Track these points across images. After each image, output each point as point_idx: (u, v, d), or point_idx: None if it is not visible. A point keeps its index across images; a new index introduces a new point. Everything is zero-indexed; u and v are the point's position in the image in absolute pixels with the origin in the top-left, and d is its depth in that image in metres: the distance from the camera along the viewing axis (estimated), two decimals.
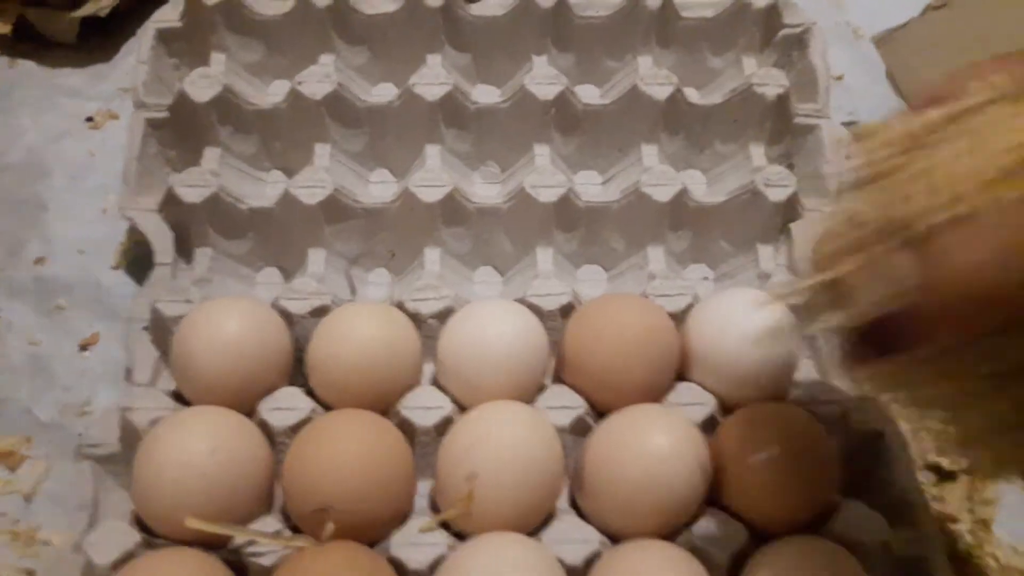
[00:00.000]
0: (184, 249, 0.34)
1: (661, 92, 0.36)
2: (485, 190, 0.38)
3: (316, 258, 0.35)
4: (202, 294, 0.32)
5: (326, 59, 0.37)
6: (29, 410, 0.33)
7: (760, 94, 0.37)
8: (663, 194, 0.35)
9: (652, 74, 0.37)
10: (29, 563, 0.30)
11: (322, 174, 0.34)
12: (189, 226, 0.34)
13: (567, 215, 0.36)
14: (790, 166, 0.38)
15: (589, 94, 0.39)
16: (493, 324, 0.31)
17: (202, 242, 0.34)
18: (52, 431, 0.33)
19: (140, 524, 0.28)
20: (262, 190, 0.36)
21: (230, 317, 0.29)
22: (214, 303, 0.30)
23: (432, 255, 0.35)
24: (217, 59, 0.37)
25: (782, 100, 0.37)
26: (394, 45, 0.38)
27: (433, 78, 0.36)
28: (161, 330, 0.32)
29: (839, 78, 0.48)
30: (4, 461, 0.32)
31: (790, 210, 0.36)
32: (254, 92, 0.37)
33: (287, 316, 0.32)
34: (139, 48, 0.37)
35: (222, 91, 0.35)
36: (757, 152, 0.38)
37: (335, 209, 0.34)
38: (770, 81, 0.37)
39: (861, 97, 0.47)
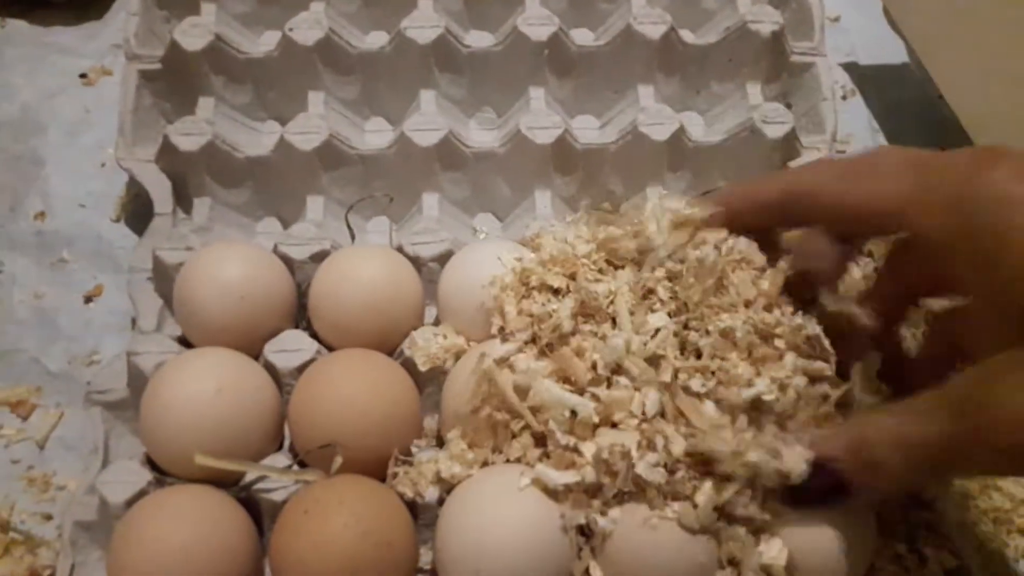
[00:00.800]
0: (183, 199, 0.35)
1: (655, 31, 0.36)
2: (481, 136, 0.38)
3: (315, 205, 0.35)
4: (202, 242, 0.32)
5: (317, 6, 0.37)
6: (37, 360, 0.34)
7: (755, 31, 0.37)
8: (661, 133, 0.35)
9: (645, 13, 0.36)
10: (46, 507, 0.31)
11: (316, 120, 0.34)
12: (187, 175, 0.34)
13: (564, 157, 0.36)
14: (788, 105, 0.38)
15: (583, 37, 0.39)
16: (493, 263, 0.31)
17: (200, 192, 0.35)
18: (61, 380, 0.33)
19: (152, 465, 0.29)
20: (258, 140, 0.36)
21: (230, 260, 0.29)
22: (213, 248, 0.30)
23: (430, 200, 0.35)
24: (208, 9, 0.37)
25: (777, 37, 0.37)
26: None
27: (424, 21, 0.35)
28: (163, 278, 0.32)
29: (836, 19, 0.48)
30: (16, 410, 0.33)
31: (788, 147, 0.36)
32: (246, 42, 0.37)
33: (287, 262, 0.32)
34: (129, 0, 0.36)
35: (213, 40, 0.35)
36: (754, 91, 0.38)
37: (331, 156, 0.34)
38: (764, 18, 0.37)
39: (858, 37, 0.47)
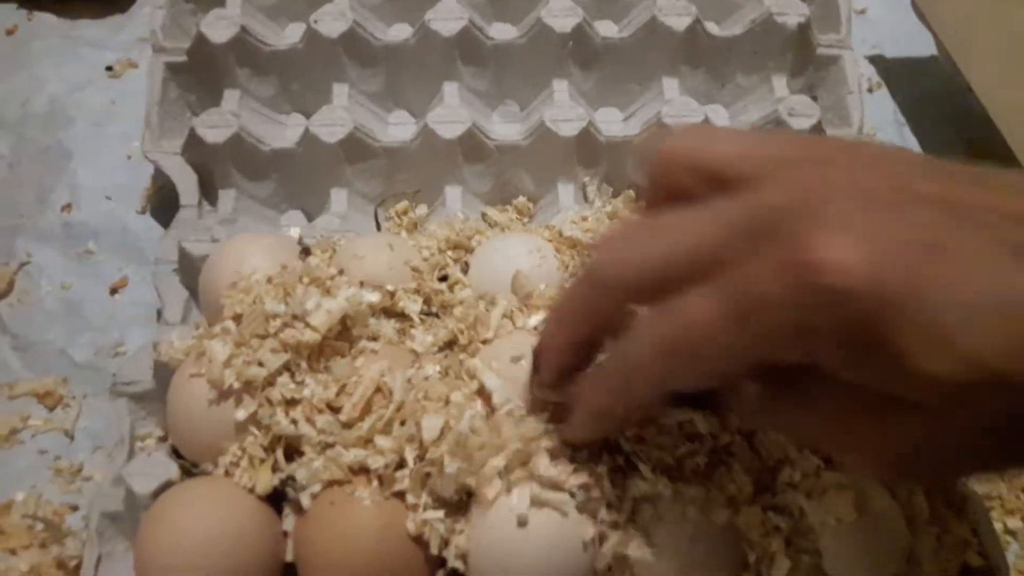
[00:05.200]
0: (208, 191, 0.35)
1: (680, 23, 0.36)
2: (504, 128, 0.38)
3: (339, 198, 0.35)
4: (227, 233, 0.33)
5: None
6: (64, 351, 0.34)
7: (781, 24, 0.36)
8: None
9: (670, 5, 0.36)
10: (73, 498, 0.31)
11: (341, 112, 0.34)
12: (212, 168, 0.34)
13: (588, 150, 0.36)
14: (813, 98, 0.38)
15: (608, 29, 0.38)
16: (519, 255, 0.31)
17: (226, 183, 0.35)
18: (87, 371, 0.34)
19: (177, 455, 0.29)
20: (282, 132, 0.36)
21: (255, 251, 0.29)
22: (239, 239, 0.30)
23: (453, 193, 0.35)
24: (233, 1, 0.37)
25: (803, 30, 0.37)
26: None
27: (448, 13, 0.35)
28: (188, 269, 0.32)
29: (863, 12, 0.47)
30: (43, 401, 0.33)
31: None
32: (271, 34, 0.37)
33: (310, 253, 0.32)
34: None
35: (239, 32, 0.35)
36: (779, 83, 0.37)
37: (355, 148, 0.34)
38: (790, 10, 0.37)
39: (885, 30, 0.47)
